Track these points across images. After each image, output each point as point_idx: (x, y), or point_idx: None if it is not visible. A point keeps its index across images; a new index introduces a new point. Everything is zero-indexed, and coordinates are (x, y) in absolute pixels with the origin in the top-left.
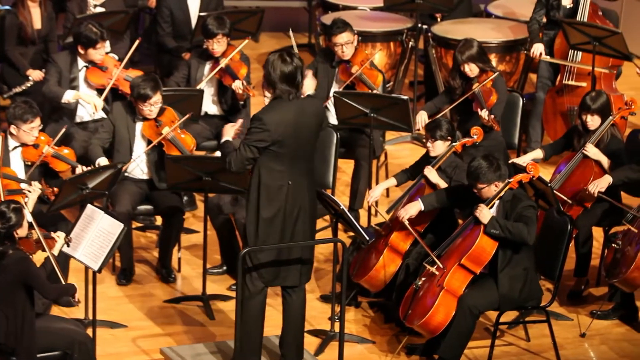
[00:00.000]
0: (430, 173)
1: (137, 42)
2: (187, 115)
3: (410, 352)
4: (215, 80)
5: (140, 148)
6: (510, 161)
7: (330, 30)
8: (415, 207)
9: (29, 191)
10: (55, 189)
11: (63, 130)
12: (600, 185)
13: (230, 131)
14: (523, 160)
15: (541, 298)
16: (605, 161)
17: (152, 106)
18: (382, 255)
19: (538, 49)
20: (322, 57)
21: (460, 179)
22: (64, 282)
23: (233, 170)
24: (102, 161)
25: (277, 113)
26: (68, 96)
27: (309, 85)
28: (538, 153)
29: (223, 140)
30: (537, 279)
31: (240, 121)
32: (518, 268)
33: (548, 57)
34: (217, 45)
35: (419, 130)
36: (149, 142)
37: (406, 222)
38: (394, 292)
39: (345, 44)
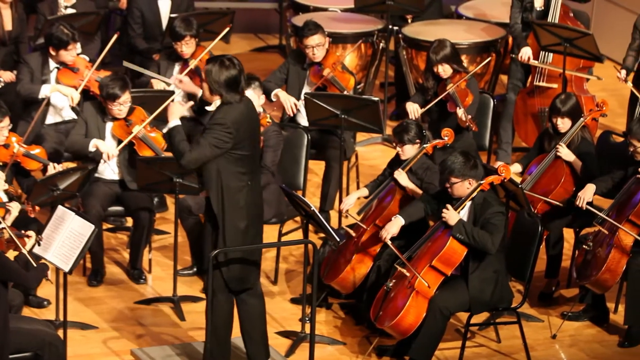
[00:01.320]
0: (400, 176)
1: (115, 36)
2: (154, 114)
3: (381, 354)
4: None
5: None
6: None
7: (302, 32)
8: (396, 225)
9: (10, 207)
10: (37, 208)
11: (31, 126)
12: (586, 196)
13: (177, 109)
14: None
15: (512, 300)
16: (577, 162)
17: (122, 105)
18: (353, 257)
19: (526, 52)
20: (293, 58)
21: (432, 180)
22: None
23: (183, 164)
24: (98, 143)
25: (235, 116)
26: (45, 91)
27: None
28: (517, 167)
29: (171, 124)
30: (508, 281)
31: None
32: (489, 270)
33: (536, 61)
34: (186, 47)
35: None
36: (119, 141)
37: (389, 242)
38: (364, 294)
39: (316, 46)
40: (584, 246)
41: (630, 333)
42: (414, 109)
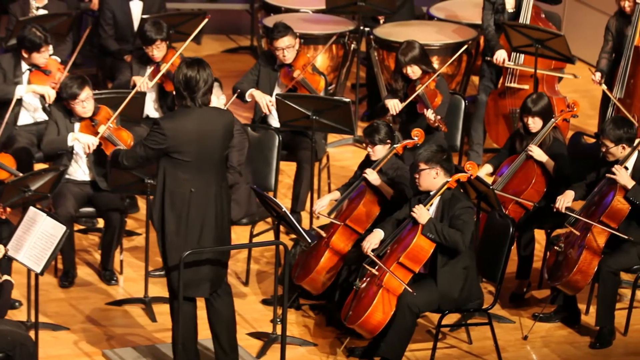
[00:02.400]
0: (371, 175)
1: (87, 30)
2: (119, 109)
3: (352, 354)
4: (156, 85)
5: (79, 148)
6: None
7: (271, 34)
8: (377, 237)
9: None
10: (8, 209)
11: (1, 129)
12: (566, 200)
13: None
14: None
15: (482, 299)
16: (549, 162)
17: (84, 102)
18: (323, 257)
19: (501, 55)
20: (263, 60)
21: (402, 180)
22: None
23: (125, 165)
24: (78, 135)
25: (177, 121)
26: (20, 91)
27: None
28: (488, 168)
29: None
30: (478, 279)
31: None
32: (458, 267)
33: (512, 63)
34: (157, 51)
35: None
36: None
37: (371, 254)
38: (335, 294)
39: (286, 48)
40: (555, 247)
41: (602, 334)
42: (394, 104)
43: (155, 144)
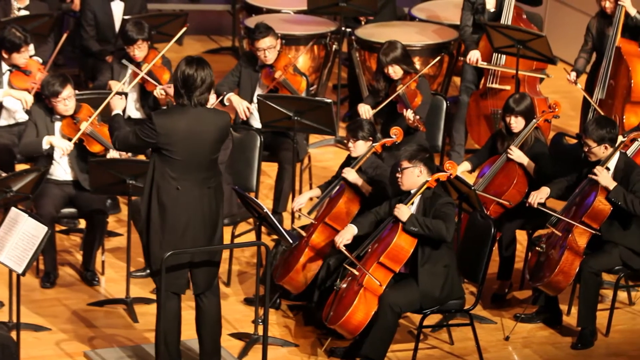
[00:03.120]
0: (349, 174)
1: (64, 35)
2: (102, 106)
3: (333, 355)
4: (137, 85)
5: (57, 151)
6: None
7: (253, 35)
8: (349, 232)
9: None
10: None
11: None
12: (539, 196)
13: (118, 103)
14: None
15: (464, 297)
16: (530, 164)
17: (66, 100)
18: (303, 256)
19: (475, 55)
20: (245, 61)
21: (381, 178)
22: None
23: (116, 147)
24: (52, 139)
25: (169, 118)
26: None
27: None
28: (466, 165)
29: (113, 113)
30: (459, 277)
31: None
32: (438, 265)
33: (485, 63)
34: (138, 51)
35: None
36: (69, 140)
37: (343, 248)
38: (315, 294)
39: (267, 48)
40: (537, 248)
41: (583, 335)
42: (365, 110)
43: (145, 136)
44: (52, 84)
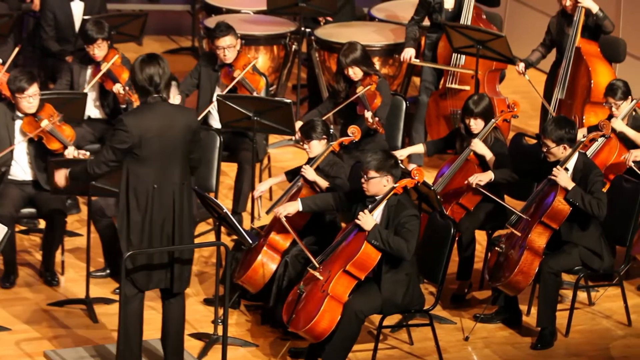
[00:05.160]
0: (308, 172)
1: (16, 49)
2: (63, 109)
3: (294, 356)
4: (97, 85)
5: (21, 145)
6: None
7: (213, 33)
8: (293, 206)
9: None
10: None
11: None
12: (480, 177)
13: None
14: (401, 153)
15: (423, 303)
16: (490, 157)
17: (31, 98)
18: (261, 254)
19: (407, 52)
20: (205, 60)
21: (339, 174)
22: None
23: (98, 173)
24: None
25: (139, 117)
26: None
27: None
28: (420, 147)
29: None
30: (419, 284)
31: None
32: (401, 273)
33: (417, 60)
34: (98, 50)
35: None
36: (29, 138)
37: (283, 219)
38: (272, 294)
39: (227, 47)
40: (496, 248)
41: (543, 335)
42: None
43: (120, 142)
44: (19, 80)
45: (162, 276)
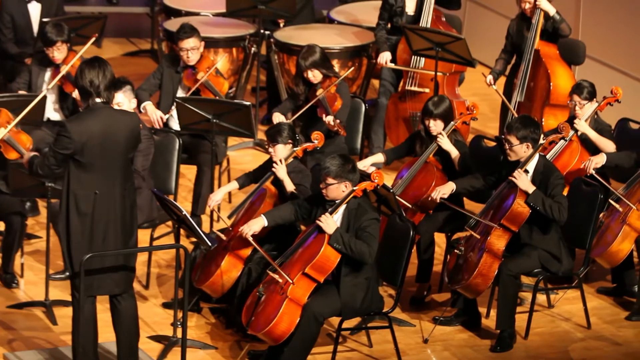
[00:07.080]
0: (280, 169)
1: None
2: (21, 115)
3: (253, 358)
4: (56, 87)
5: None
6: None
7: (177, 34)
8: (258, 224)
9: None
10: None
11: None
12: (442, 191)
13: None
14: (363, 164)
15: (382, 307)
16: (456, 154)
17: None
18: (224, 261)
19: (384, 57)
20: (167, 62)
21: (304, 182)
22: None
23: (40, 174)
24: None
25: (82, 123)
26: None
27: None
28: (379, 157)
29: (26, 157)
30: (378, 288)
31: None
32: (360, 277)
33: (393, 64)
34: (57, 53)
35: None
36: None
37: (250, 238)
38: (235, 298)
39: (191, 49)
40: (455, 250)
41: (502, 338)
42: (279, 120)
43: (63, 148)
44: None
45: (102, 281)
